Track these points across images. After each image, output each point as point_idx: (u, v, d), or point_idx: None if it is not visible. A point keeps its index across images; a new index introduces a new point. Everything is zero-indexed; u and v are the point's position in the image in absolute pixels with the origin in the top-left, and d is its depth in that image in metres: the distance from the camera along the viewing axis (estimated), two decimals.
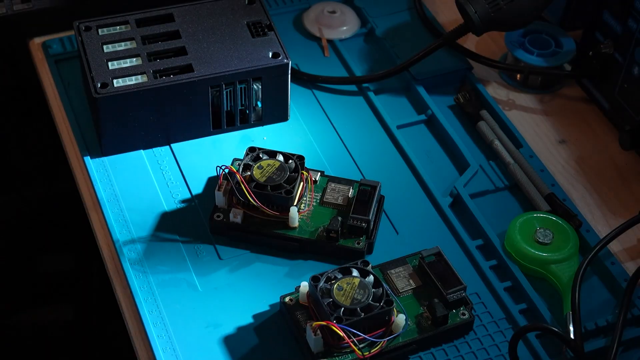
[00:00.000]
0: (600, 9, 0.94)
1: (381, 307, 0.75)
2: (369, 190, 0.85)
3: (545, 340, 0.79)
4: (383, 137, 0.95)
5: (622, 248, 0.87)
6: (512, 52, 1.00)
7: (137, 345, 0.79)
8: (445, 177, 0.92)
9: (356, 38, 1.05)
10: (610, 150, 0.95)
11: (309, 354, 0.76)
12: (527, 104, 1.00)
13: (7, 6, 1.00)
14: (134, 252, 0.84)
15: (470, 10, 0.94)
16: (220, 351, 0.78)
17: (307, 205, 0.86)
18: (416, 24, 1.05)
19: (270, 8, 1.07)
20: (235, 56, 0.91)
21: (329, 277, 0.77)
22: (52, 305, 1.40)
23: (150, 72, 0.89)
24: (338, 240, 0.83)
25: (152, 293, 0.81)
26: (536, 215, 0.86)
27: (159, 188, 0.90)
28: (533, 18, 0.96)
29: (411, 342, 0.77)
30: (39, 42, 1.03)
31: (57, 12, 1.02)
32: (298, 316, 0.78)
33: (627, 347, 0.79)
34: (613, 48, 0.94)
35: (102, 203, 0.88)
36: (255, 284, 0.82)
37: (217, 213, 0.85)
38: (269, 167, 0.85)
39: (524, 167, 0.91)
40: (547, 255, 0.83)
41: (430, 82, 0.99)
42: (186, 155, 0.92)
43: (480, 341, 0.79)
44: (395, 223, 0.87)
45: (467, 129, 0.96)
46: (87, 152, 0.92)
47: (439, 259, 0.81)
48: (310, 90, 0.99)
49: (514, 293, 0.83)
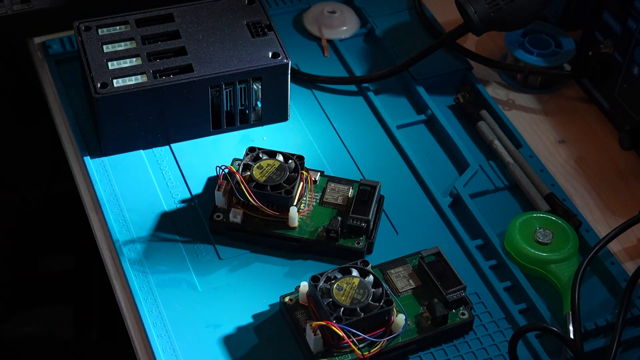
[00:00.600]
0: (600, 9, 0.94)
1: (381, 307, 0.75)
2: (368, 190, 0.85)
3: (545, 340, 0.79)
4: (383, 137, 0.95)
5: (622, 248, 0.87)
6: (512, 52, 1.00)
7: (137, 345, 0.79)
8: (445, 177, 0.92)
9: (356, 38, 1.05)
10: (610, 150, 0.95)
11: (309, 353, 0.76)
12: (527, 104, 1.00)
13: (7, 6, 1.00)
14: (133, 252, 0.84)
15: (470, 10, 0.94)
16: (220, 351, 0.78)
17: (307, 205, 0.86)
18: (416, 24, 1.05)
19: (270, 8, 1.07)
20: (235, 56, 0.91)
21: (329, 277, 0.77)
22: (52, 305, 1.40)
23: (150, 72, 0.89)
24: (338, 240, 0.83)
25: (152, 293, 0.81)
26: (536, 215, 0.86)
27: (159, 188, 0.90)
28: (533, 18, 0.96)
29: (411, 342, 0.77)
30: (39, 42, 1.03)
31: (57, 12, 1.02)
32: (298, 316, 0.78)
33: (626, 347, 0.79)
34: (613, 48, 0.94)
35: (102, 203, 0.88)
36: (255, 283, 0.82)
37: (217, 213, 0.85)
38: (268, 167, 0.85)
39: (524, 167, 0.91)
40: (547, 255, 0.83)
41: (430, 82, 0.99)
42: (186, 155, 0.92)
43: (480, 341, 0.79)
44: (395, 223, 0.87)
45: (467, 129, 0.96)
46: (87, 152, 0.92)
47: (438, 258, 0.81)
48: (310, 90, 0.99)
49: (514, 293, 0.83)
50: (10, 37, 1.04)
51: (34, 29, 1.03)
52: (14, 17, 1.01)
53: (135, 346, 0.79)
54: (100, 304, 1.39)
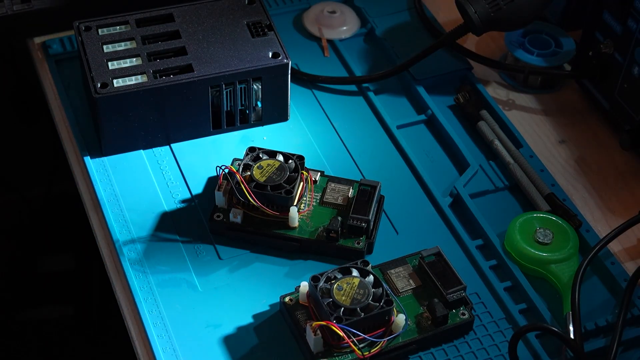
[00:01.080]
0: (600, 9, 0.94)
1: (381, 307, 0.75)
2: (369, 190, 0.85)
3: (545, 340, 0.79)
4: (383, 137, 0.95)
5: (622, 248, 0.87)
6: (512, 52, 1.00)
7: (137, 345, 0.79)
8: (445, 177, 0.92)
9: (356, 38, 1.05)
10: (610, 150, 0.95)
11: (309, 354, 0.76)
12: (527, 104, 1.00)
13: (7, 6, 0.99)
14: (134, 252, 0.84)
15: (470, 10, 0.94)
16: (220, 351, 0.78)
17: (307, 205, 0.86)
18: (416, 24, 1.05)
19: (270, 8, 1.07)
20: (235, 56, 0.91)
21: (329, 277, 0.77)
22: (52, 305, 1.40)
23: (150, 72, 0.89)
24: (338, 240, 0.83)
25: (152, 293, 0.81)
26: (536, 215, 0.86)
27: (159, 188, 0.90)
28: (533, 18, 0.96)
29: (411, 342, 0.77)
30: (39, 42, 1.03)
31: (57, 12, 1.02)
32: (298, 316, 0.78)
33: (627, 347, 0.79)
34: (613, 48, 0.93)
35: (102, 203, 0.88)
36: (255, 284, 0.82)
37: (217, 213, 0.85)
38: (268, 167, 0.85)
39: (524, 167, 0.91)
40: (547, 255, 0.83)
41: (430, 82, 0.99)
42: (186, 155, 0.92)
43: (480, 341, 0.79)
44: (395, 223, 0.87)
45: (467, 129, 0.96)
46: (87, 152, 0.92)
47: (438, 258, 0.81)
48: (310, 90, 0.99)
49: (514, 293, 0.83)
50: (10, 37, 1.04)
51: (34, 29, 1.03)
52: (14, 17, 1.01)
53: (135, 346, 0.79)
54: (100, 304, 1.40)
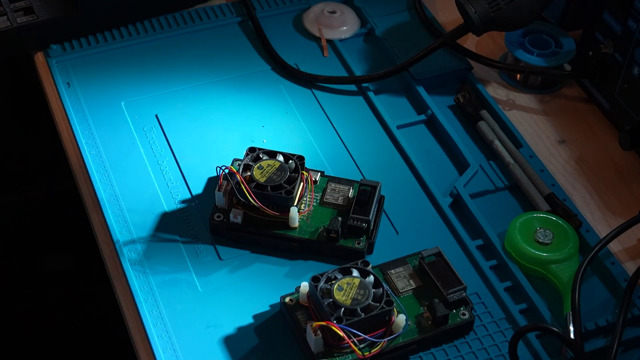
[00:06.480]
0: (600, 9, 0.94)
1: (381, 307, 0.75)
2: (369, 190, 0.85)
3: (545, 340, 0.79)
4: (383, 137, 0.95)
5: (622, 248, 0.87)
6: (512, 52, 1.00)
7: (137, 345, 0.79)
8: (445, 177, 0.92)
9: (356, 38, 1.05)
10: (610, 150, 0.95)
11: (309, 354, 0.76)
12: (527, 104, 1.00)
13: (11, 19, 0.99)
14: (134, 253, 0.84)
15: (470, 10, 0.94)
16: (220, 351, 0.78)
17: (307, 206, 0.86)
18: (416, 24, 1.05)
19: (270, 8, 1.07)
20: None
21: (329, 277, 0.77)
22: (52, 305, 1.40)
23: None
24: (338, 240, 0.83)
25: (152, 293, 0.81)
26: (536, 215, 0.86)
27: (159, 188, 0.90)
28: (533, 18, 0.96)
29: (411, 342, 0.77)
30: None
31: (60, 25, 1.01)
32: (298, 316, 0.78)
33: (627, 347, 0.79)
34: (613, 48, 0.94)
35: (102, 203, 0.88)
36: (255, 284, 0.82)
37: (217, 213, 0.85)
38: (269, 167, 0.85)
39: (524, 167, 0.91)
40: (547, 255, 0.83)
41: (430, 82, 0.99)
42: (186, 156, 0.92)
43: (480, 341, 0.79)
44: (395, 223, 0.87)
45: (467, 129, 0.96)
46: (87, 152, 0.92)
47: (439, 259, 0.81)
48: (310, 90, 0.99)
49: (514, 293, 0.83)
50: (14, 50, 1.02)
51: (39, 42, 1.02)
52: (17, 30, 0.99)
53: (136, 346, 0.79)
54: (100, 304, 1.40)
